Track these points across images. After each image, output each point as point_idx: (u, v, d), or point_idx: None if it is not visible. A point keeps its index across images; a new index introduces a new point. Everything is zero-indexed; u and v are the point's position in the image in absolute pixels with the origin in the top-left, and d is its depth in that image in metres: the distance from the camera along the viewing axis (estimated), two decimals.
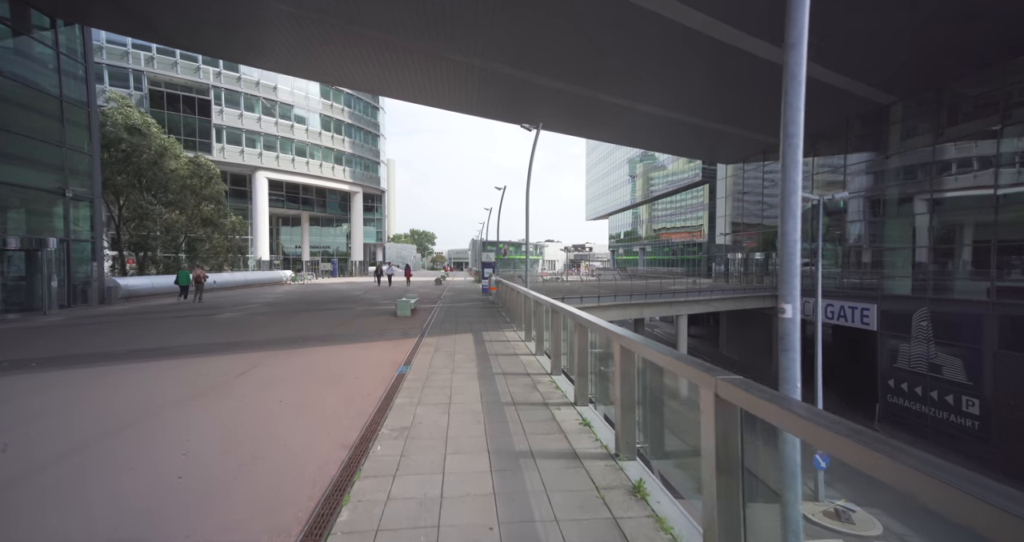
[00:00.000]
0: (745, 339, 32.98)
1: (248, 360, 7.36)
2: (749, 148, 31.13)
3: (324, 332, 10.31)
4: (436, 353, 7.88)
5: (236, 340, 9.13)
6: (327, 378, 6.28)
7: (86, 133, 15.99)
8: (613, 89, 21.25)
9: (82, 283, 15.93)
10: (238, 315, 13.50)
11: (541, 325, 7.80)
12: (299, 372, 6.66)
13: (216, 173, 30.17)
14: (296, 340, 9.17)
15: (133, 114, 25.98)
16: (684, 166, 48.66)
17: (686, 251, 51.57)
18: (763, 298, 28.40)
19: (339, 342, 9.07)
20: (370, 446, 3.79)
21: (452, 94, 22.85)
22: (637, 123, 27.29)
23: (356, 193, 52.15)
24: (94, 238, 16.49)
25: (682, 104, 23.20)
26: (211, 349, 8.19)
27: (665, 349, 2.97)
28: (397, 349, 8.37)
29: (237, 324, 11.68)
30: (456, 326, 11.34)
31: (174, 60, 37.14)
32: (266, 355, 7.75)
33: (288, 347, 8.51)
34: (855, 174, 24.30)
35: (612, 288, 23.18)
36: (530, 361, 7.31)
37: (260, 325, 11.55)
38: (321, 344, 8.84)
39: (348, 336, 9.78)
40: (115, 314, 14.02)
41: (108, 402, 5.25)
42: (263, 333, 10.19)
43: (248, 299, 19.84)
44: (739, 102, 22.63)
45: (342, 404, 5.12)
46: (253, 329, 10.84)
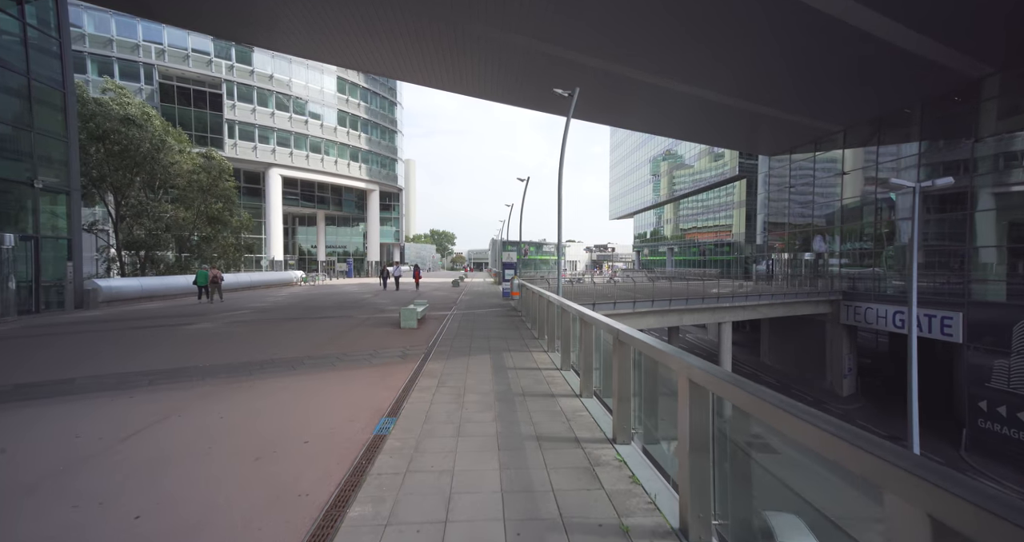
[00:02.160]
0: (790, 348, 29.85)
1: (168, 403, 5.17)
2: (799, 136, 28.02)
3: (301, 352, 8.11)
4: (439, 391, 5.58)
5: (180, 365, 6.98)
6: (258, 446, 4.00)
7: (61, 117, 14.29)
8: (653, 66, 18.66)
9: (56, 285, 14.21)
10: (215, 326, 11.48)
11: (590, 356, 5.41)
12: (222, 431, 4.40)
13: (227, 169, 28.64)
14: (259, 366, 6.97)
15: (131, 105, 24.54)
16: (709, 164, 45.62)
17: (717, 251, 48.33)
18: (816, 304, 25.34)
19: (313, 370, 6.84)
20: None
21: (472, 76, 20.62)
22: (673, 108, 24.57)
23: (373, 191, 50.54)
24: (72, 235, 14.78)
25: (737, 84, 20.37)
26: (131, 382, 6.03)
27: None
28: (387, 382, 6.10)
29: (204, 339, 9.61)
30: (470, 343, 9.04)
31: (186, 53, 35.99)
32: (199, 395, 5.54)
33: (240, 378, 6.31)
34: (927, 165, 21.09)
35: (647, 292, 20.57)
36: (575, 409, 4.93)
37: (230, 341, 9.45)
38: (287, 373, 6.62)
39: (329, 360, 7.55)
40: (82, 322, 12.19)
41: None
42: (224, 354, 8.05)
43: (245, 303, 17.97)
44: (807, 81, 19.71)
45: (248, 519, 2.83)
46: (217, 347, 8.72)
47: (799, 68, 18.44)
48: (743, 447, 2.40)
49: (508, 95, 23.23)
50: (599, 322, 4.59)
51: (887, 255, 23.85)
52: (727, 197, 45.63)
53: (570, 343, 6.80)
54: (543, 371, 6.71)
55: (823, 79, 19.43)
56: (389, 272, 26.94)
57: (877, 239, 24.37)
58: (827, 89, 20.54)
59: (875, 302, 23.19)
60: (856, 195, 25.60)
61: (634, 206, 69.16)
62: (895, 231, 23.42)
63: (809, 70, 18.52)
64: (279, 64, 40.52)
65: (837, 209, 26.85)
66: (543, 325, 9.56)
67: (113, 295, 16.10)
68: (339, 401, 5.34)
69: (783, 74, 19.10)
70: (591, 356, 5.39)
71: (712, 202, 48.69)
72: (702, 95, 21.39)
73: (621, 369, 3.87)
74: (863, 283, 25.23)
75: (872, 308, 23.20)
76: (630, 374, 3.87)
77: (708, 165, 45.98)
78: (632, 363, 3.90)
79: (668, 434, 3.47)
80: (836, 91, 20.74)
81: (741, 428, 2.41)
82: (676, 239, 58.50)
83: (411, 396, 5.34)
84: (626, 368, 3.87)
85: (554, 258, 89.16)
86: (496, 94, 23.11)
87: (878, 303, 22.96)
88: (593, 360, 5.42)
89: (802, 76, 19.26)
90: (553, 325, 8.19)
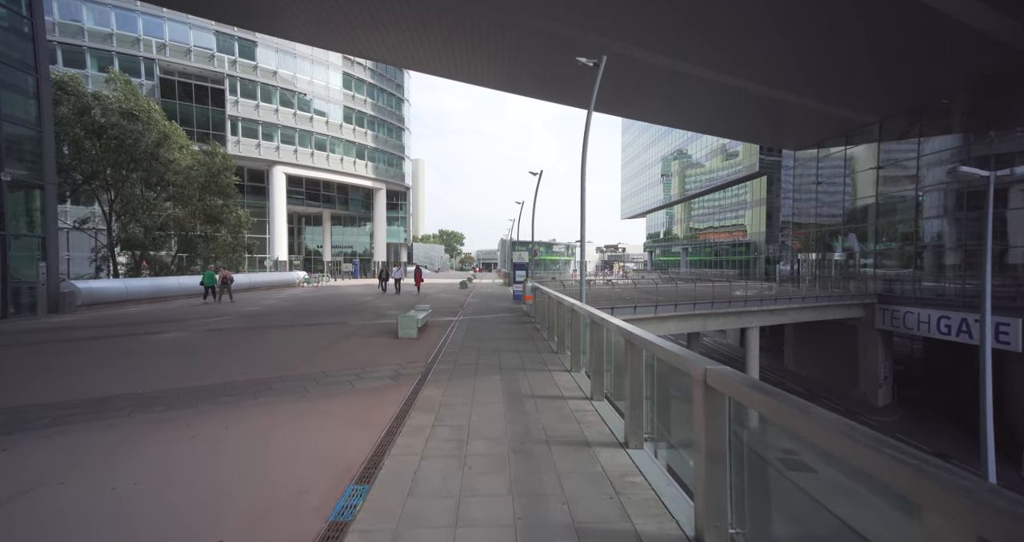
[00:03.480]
0: (817, 353, 28.05)
1: (56, 458, 3.81)
2: (828, 129, 26.25)
3: (274, 371, 6.76)
4: (434, 435, 4.17)
5: (111, 392, 5.62)
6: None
7: (33, 104, 13.13)
8: (679, 49, 17.15)
9: (27, 287, 13.06)
10: (189, 335, 10.18)
11: (638, 385, 3.92)
12: (103, 512, 3.02)
13: (230, 165, 27.53)
14: (211, 393, 5.60)
15: (133, 98, 23.51)
16: (723, 162, 43.89)
17: (732, 251, 46.48)
18: (849, 307, 23.60)
19: (277, 398, 5.45)
20: None
21: (485, 63, 19.28)
22: (696, 98, 23.00)
23: (379, 190, 49.41)
24: (46, 233, 13.63)
25: (766, 69, 18.77)
26: (26, 421, 4.65)
27: None
28: (368, 418, 4.70)
29: (167, 352, 8.31)
30: (477, 358, 7.63)
31: (187, 48, 35.09)
32: (106, 442, 4.11)
33: (176, 412, 4.94)
34: (977, 157, 19.31)
35: (669, 295, 19.04)
36: (622, 470, 3.48)
37: (197, 355, 8.13)
38: (242, 403, 5.23)
39: (304, 382, 6.17)
40: (47, 329, 10.99)
41: None
42: (180, 373, 6.71)
43: (236, 307, 16.75)
44: (842, 65, 18.04)
45: None
46: (176, 364, 7.40)
47: (835, 50, 16.80)
48: (761, 454, 2.31)
49: (523, 83, 21.83)
50: (671, 354, 3.13)
51: (928, 254, 22.05)
52: (744, 196, 43.81)
53: (602, 363, 5.37)
54: (568, 400, 5.28)
55: (861, 61, 17.75)
56: (391, 274, 25.05)
57: (915, 238, 22.56)
58: (863, 74, 18.84)
59: (916, 306, 21.40)
60: (893, 191, 23.80)
61: (646, 205, 67.37)
62: (943, 229, 21.56)
63: (846, 51, 16.87)
64: (283, 59, 39.52)
65: (871, 206, 25.05)
66: (563, 336, 8.13)
67: (93, 298, 14.93)
68: (295, 452, 3.94)
69: (819, 55, 17.46)
70: (639, 384, 3.93)
71: (728, 201, 46.89)
72: (727, 82, 19.79)
73: (712, 434, 2.42)
74: (901, 285, 23.44)
75: (912, 312, 21.42)
76: (726, 444, 2.42)
77: (723, 163, 44.28)
78: (729, 419, 2.45)
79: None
80: (873, 76, 19.03)
81: (761, 435, 2.35)
82: (689, 239, 56.66)
83: (396, 445, 3.93)
84: (720, 432, 2.42)
85: (564, 258, 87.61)
86: (511, 82, 21.73)
87: (919, 307, 21.17)
88: (642, 391, 3.97)
89: (838, 59, 17.60)
90: (578, 340, 6.76)
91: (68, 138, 21.08)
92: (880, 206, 24.46)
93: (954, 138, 20.75)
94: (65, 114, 20.72)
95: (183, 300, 19.75)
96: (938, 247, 21.60)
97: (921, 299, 21.59)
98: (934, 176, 21.40)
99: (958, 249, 20.45)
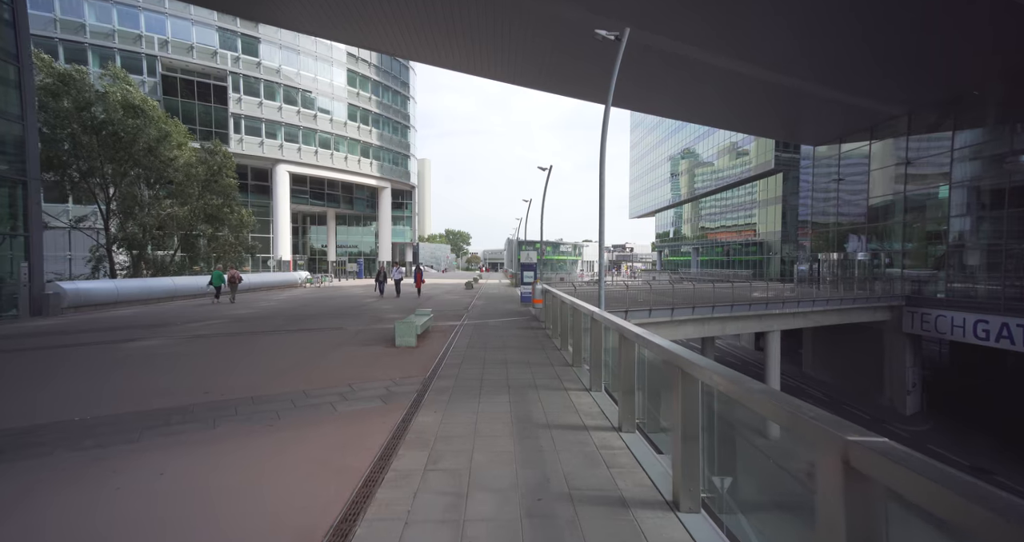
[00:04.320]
0: (838, 358, 26.85)
1: None
2: (850, 123, 25.06)
3: (248, 389, 5.88)
4: (426, 483, 3.26)
5: (44, 421, 4.76)
6: None
7: (14, 94, 12.40)
8: (698, 36, 16.14)
9: (8, 289, 12.34)
10: (168, 342, 9.35)
11: (692, 424, 2.96)
12: None
13: (230, 163, 26.85)
14: (164, 419, 4.72)
15: (134, 93, 22.87)
16: (735, 160, 42.66)
17: (744, 251, 45.20)
18: (875, 310, 22.41)
19: (242, 426, 4.55)
20: None
21: (491, 53, 18.40)
22: (713, 90, 21.93)
23: (384, 188, 48.69)
24: (30, 231, 12.91)
25: (788, 57, 17.68)
26: None
27: None
28: (345, 458, 3.80)
29: (135, 364, 7.46)
30: (482, 372, 6.72)
31: (190, 44, 34.51)
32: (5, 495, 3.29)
33: (112, 448, 4.06)
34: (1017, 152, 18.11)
35: (686, 297, 18.02)
36: (666, 534, 2.54)
37: (166, 367, 7.28)
38: (197, 435, 4.33)
39: (279, 404, 5.28)
40: (20, 335, 10.24)
41: None
42: (138, 392, 5.84)
43: (229, 309, 15.97)
44: (870, 52, 16.92)
45: None
46: (139, 379, 6.54)
47: (866, 34, 15.70)
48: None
49: (532, 75, 20.89)
50: (764, 402, 2.17)
51: (961, 254, 20.82)
52: (758, 194, 42.55)
53: (632, 385, 4.43)
54: (592, 432, 4.34)
55: (892, 47, 16.61)
56: (390, 274, 22.62)
57: (947, 237, 21.33)
58: (894, 61, 17.69)
59: (949, 308, 20.18)
60: (922, 187, 22.57)
61: (655, 205, 66.10)
62: (979, 228, 20.30)
63: (877, 35, 15.75)
64: (287, 56, 38.89)
65: (898, 203, 23.81)
66: (579, 347, 7.19)
67: (81, 300, 14.21)
68: (241, 513, 3.03)
69: (848, 41, 16.35)
70: (693, 423, 2.99)
71: (740, 199, 45.61)
72: (747, 72, 18.74)
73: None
74: (932, 287, 22.22)
75: (944, 315, 20.21)
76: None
77: (734, 161, 43.06)
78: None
79: None
80: (905, 64, 17.87)
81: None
82: (699, 239, 55.37)
83: (374, 502, 3.02)
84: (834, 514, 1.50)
85: (571, 258, 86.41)
86: (520, 74, 20.80)
87: (953, 310, 19.96)
88: (698, 432, 3.03)
89: (868, 44, 16.49)
90: (599, 353, 5.82)
91: (66, 133, 20.51)
92: (908, 203, 23.23)
93: (990, 130, 19.53)
94: (66, 109, 20.16)
95: (180, 301, 19.06)
96: (973, 246, 20.37)
97: (954, 301, 20.38)
98: (968, 171, 20.18)
99: (996, 249, 19.23)
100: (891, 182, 24.18)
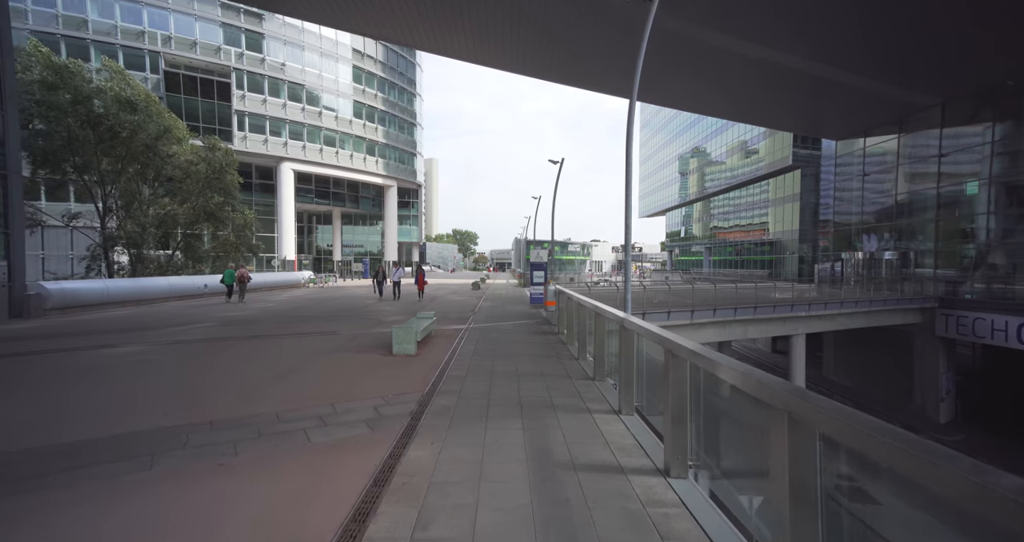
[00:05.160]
0: (863, 362, 25.54)
1: None
2: (877, 115, 23.77)
3: (213, 410, 4.96)
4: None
5: None
6: None
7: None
8: (722, 19, 15.06)
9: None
10: (143, 349, 8.49)
11: (800, 504, 1.97)
12: None
13: (232, 160, 26.12)
14: (95, 454, 3.80)
15: (134, 87, 22.20)
16: (745, 160, 41.36)
17: (758, 251, 43.82)
18: (905, 312, 21.14)
19: (188, 465, 3.60)
20: None
21: (506, 43, 17.46)
22: (733, 80, 20.79)
23: (390, 187, 47.90)
24: (10, 228, 12.16)
25: (826, 42, 16.51)
26: None
27: None
28: (308, 518, 2.85)
29: (95, 377, 6.58)
30: (490, 387, 5.75)
31: (193, 40, 33.93)
32: None
33: (15, 499, 3.16)
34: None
35: (707, 298, 16.92)
36: None
37: (128, 381, 6.39)
38: (129, 476, 3.40)
39: (239, 433, 4.33)
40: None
41: None
42: (77, 418, 4.90)
43: (221, 312, 15.16)
44: (917, 37, 15.72)
45: None
46: (87, 398, 5.62)
47: (904, 15, 14.53)
48: None
49: (547, 65, 19.90)
50: None
51: (1001, 253, 19.50)
52: (771, 192, 41.19)
53: (685, 414, 3.42)
54: (631, 476, 3.36)
55: (930, 29, 15.42)
56: (389, 274, 20.45)
57: (986, 235, 20.01)
58: (931, 45, 16.46)
59: (988, 311, 18.87)
60: (957, 183, 21.24)
61: (665, 204, 64.73)
62: (1012, 225, 18.97)
63: (916, 15, 14.57)
64: (291, 52, 38.23)
65: (930, 199, 22.49)
66: (602, 359, 6.20)
67: (67, 301, 13.45)
68: None
69: (883, 22, 15.17)
70: (797, 495, 2.00)
71: (756, 197, 44.24)
72: (771, 59, 17.61)
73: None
74: (967, 287, 20.90)
75: (984, 318, 18.91)
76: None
77: (746, 160, 41.73)
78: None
79: None
80: (944, 47, 16.62)
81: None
82: (711, 238, 53.99)
83: None
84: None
85: (580, 258, 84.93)
86: (534, 63, 19.81)
87: (992, 312, 18.65)
88: (818, 517, 2.04)
89: (906, 25, 15.30)
90: (631, 369, 4.82)
91: (62, 127, 19.89)
92: (941, 199, 21.91)
93: None
94: (62, 102, 19.53)
95: (176, 302, 18.32)
96: (1015, 245, 19.05)
97: (994, 303, 19.07)
98: (1009, 164, 18.87)
99: None
100: (922, 177, 22.87)
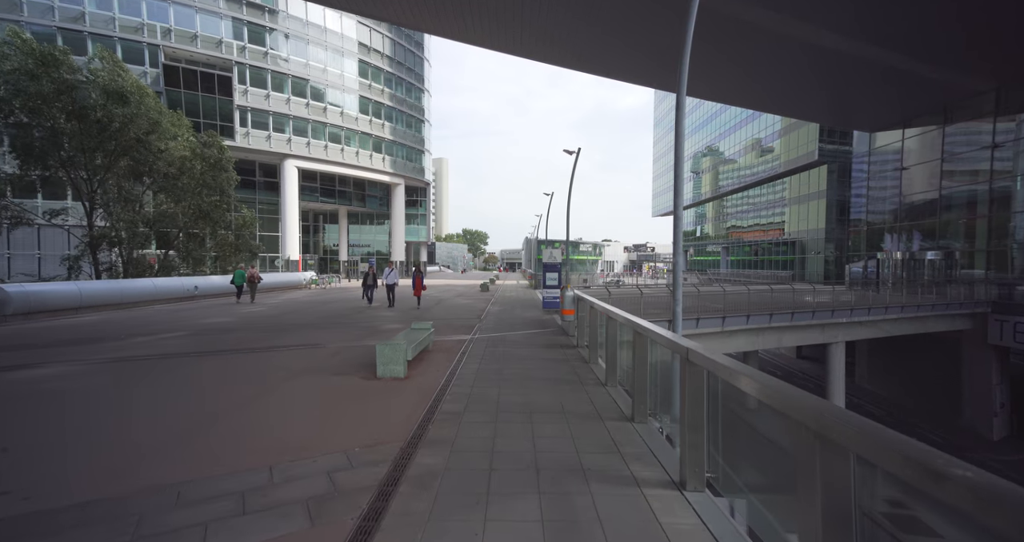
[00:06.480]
0: (900, 371, 23.61)
1: None
2: (916, 105, 21.84)
3: (86, 486, 3.55)
4: None
5: None
6: None
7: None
8: None
9: None
10: (69, 370, 7.08)
11: None
12: None
13: (227, 157, 24.97)
14: None
15: (125, 78, 21.08)
16: (760, 158, 39.41)
17: (774, 250, 41.79)
18: (954, 318, 19.27)
19: None
20: None
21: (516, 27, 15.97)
22: (766, 66, 19.07)
23: (398, 185, 46.63)
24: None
25: (867, 20, 14.77)
26: None
27: None
28: None
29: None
30: (495, 432, 4.25)
31: (194, 33, 32.90)
32: None
33: None
34: None
35: (739, 303, 15.26)
36: None
37: (14, 425, 5.01)
38: None
39: (108, 532, 2.86)
40: None
41: None
42: None
43: (200, 315, 13.84)
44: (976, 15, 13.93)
45: None
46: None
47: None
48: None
49: (559, 52, 18.38)
50: None
51: None
52: (790, 190, 39.19)
53: (819, 522, 1.87)
54: None
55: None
56: (378, 276, 17.53)
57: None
58: (988, 19, 14.63)
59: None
60: (1013, 177, 19.29)
61: (684, 201, 62.62)
62: None
63: None
64: (295, 45, 37.09)
65: (981, 195, 20.53)
66: (644, 394, 4.66)
67: (31, 305, 12.22)
68: None
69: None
70: None
71: (777, 195, 42.21)
72: (814, 38, 15.89)
73: None
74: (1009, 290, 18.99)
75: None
76: None
77: (766, 156, 39.78)
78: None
79: None
80: (1002, 22, 14.78)
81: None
82: (726, 237, 51.92)
83: None
84: None
85: (592, 258, 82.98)
86: (546, 51, 18.30)
87: None
88: None
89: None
90: (700, 422, 3.28)
91: (46, 119, 18.84)
92: (993, 194, 19.97)
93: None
94: (44, 92, 18.45)
95: (160, 305, 17.09)
96: None
97: None
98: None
99: None
100: (969, 171, 20.91)
